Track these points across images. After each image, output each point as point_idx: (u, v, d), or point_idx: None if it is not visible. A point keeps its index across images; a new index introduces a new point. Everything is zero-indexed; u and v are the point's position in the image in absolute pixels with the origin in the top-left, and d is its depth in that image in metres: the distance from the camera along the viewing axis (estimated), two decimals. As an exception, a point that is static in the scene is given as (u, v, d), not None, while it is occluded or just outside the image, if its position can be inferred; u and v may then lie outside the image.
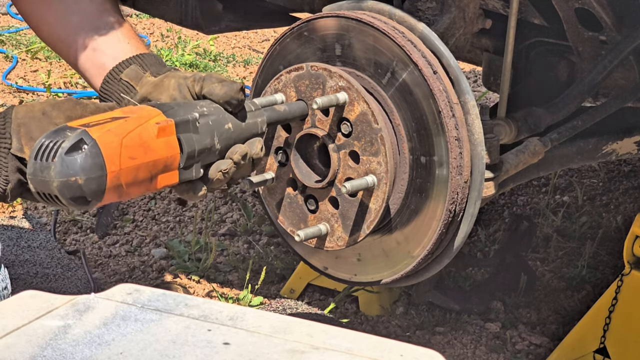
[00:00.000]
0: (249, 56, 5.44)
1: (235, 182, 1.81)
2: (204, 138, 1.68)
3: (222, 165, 1.73)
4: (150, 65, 1.91)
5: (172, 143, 1.64)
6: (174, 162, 1.65)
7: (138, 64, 1.91)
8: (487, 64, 2.35)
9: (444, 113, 1.77)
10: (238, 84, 1.75)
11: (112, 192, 1.57)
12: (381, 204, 1.79)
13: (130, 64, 1.91)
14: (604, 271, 3.00)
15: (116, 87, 1.91)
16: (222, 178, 1.73)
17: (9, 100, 4.51)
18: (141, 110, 1.66)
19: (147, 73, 1.89)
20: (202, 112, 1.70)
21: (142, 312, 1.37)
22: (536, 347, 2.66)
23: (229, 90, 1.74)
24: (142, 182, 1.61)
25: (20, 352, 1.26)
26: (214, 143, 1.70)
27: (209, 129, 1.70)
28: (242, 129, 1.75)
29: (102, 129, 1.56)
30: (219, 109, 1.73)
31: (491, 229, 3.24)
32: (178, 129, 1.65)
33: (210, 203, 3.45)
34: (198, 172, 1.70)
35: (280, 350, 1.28)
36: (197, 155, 1.68)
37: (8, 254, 3.00)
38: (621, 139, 2.25)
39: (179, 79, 1.82)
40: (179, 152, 1.65)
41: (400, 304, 2.82)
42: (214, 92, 1.75)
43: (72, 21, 2.00)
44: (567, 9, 2.03)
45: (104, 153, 1.53)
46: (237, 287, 2.93)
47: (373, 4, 1.89)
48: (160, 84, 1.84)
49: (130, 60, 1.92)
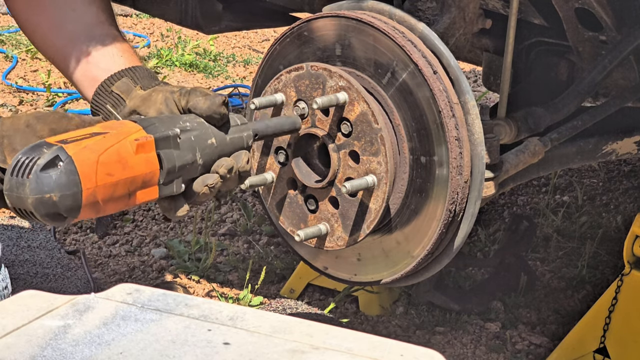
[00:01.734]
0: (249, 56, 5.44)
1: (222, 195, 1.81)
2: (185, 154, 1.68)
3: (208, 180, 1.73)
4: (142, 79, 1.91)
5: (151, 159, 1.64)
6: (154, 178, 1.65)
7: (129, 77, 1.91)
8: (487, 64, 2.35)
9: (444, 113, 1.77)
10: (221, 97, 1.75)
11: (89, 208, 1.57)
12: (381, 203, 1.79)
13: (121, 77, 1.91)
14: (604, 271, 3.00)
15: (107, 100, 1.91)
16: (208, 192, 1.73)
17: (9, 100, 4.51)
18: (122, 126, 1.66)
19: (137, 86, 1.89)
20: (185, 127, 1.71)
21: (142, 312, 1.37)
22: (536, 347, 2.66)
23: (212, 104, 1.74)
24: (120, 198, 1.62)
25: (20, 352, 1.26)
26: (196, 158, 1.70)
27: (190, 144, 1.70)
28: (226, 143, 1.75)
29: (79, 145, 1.56)
30: (203, 123, 1.73)
31: (491, 229, 3.24)
32: (158, 145, 1.65)
33: (210, 203, 3.45)
34: (179, 188, 1.70)
35: (280, 350, 1.28)
36: (178, 171, 1.68)
37: (8, 254, 3.00)
38: (621, 139, 2.25)
39: (166, 93, 1.83)
40: (159, 168, 1.65)
41: (400, 304, 2.82)
42: (198, 106, 1.75)
43: (66, 31, 2.00)
44: (567, 9, 2.03)
45: (80, 170, 1.53)
46: (237, 287, 2.93)
47: (373, 4, 1.89)
48: (149, 98, 1.85)
49: (121, 73, 1.92)
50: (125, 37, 2.04)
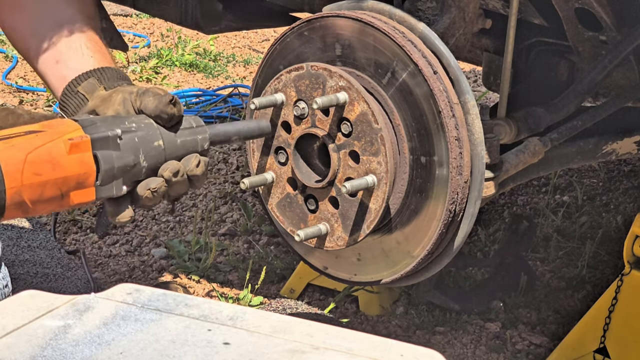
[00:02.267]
0: (249, 56, 5.44)
1: (173, 199, 1.79)
2: (126, 155, 1.65)
3: (151, 183, 1.70)
4: (108, 80, 1.89)
5: (86, 160, 1.61)
6: (89, 179, 1.62)
7: (96, 77, 1.90)
8: (487, 63, 2.35)
9: (444, 113, 1.77)
10: (168, 96, 1.72)
11: (15, 208, 1.55)
12: (381, 203, 1.79)
13: (89, 77, 1.90)
14: (604, 271, 3.00)
15: (73, 100, 1.90)
16: (151, 196, 1.70)
17: (9, 100, 4.51)
18: (60, 124, 1.63)
19: (101, 87, 1.88)
20: (129, 128, 1.67)
21: (142, 312, 1.37)
22: (536, 347, 2.66)
23: (159, 103, 1.71)
24: (51, 199, 1.59)
25: (20, 352, 1.26)
26: (139, 160, 1.67)
27: (133, 145, 1.67)
28: (176, 146, 1.71)
29: (7, 143, 1.55)
30: (151, 124, 1.70)
31: (491, 229, 3.24)
32: (95, 146, 1.62)
33: (210, 203, 3.46)
34: (120, 190, 1.67)
35: (280, 350, 1.28)
36: (117, 173, 1.65)
37: (8, 254, 3.00)
38: (621, 139, 2.25)
39: (125, 93, 1.81)
40: (94, 169, 1.63)
41: (400, 303, 2.82)
42: (147, 106, 1.73)
43: (40, 32, 2.00)
44: (567, 8, 2.03)
45: (4, 169, 1.52)
46: (237, 287, 2.93)
47: (373, 4, 1.89)
48: (109, 99, 1.83)
49: (89, 73, 1.91)
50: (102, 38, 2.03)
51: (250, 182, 1.88)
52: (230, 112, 4.41)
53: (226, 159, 3.90)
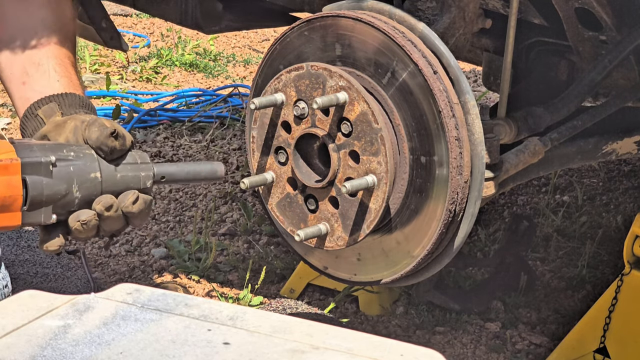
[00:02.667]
0: (249, 56, 5.44)
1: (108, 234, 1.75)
2: (57, 183, 1.64)
3: (82, 215, 1.68)
4: (68, 106, 1.87)
5: (13, 183, 1.60)
6: (15, 203, 1.61)
7: (57, 102, 1.88)
8: (487, 63, 2.35)
9: (444, 113, 1.77)
10: (110, 129, 1.71)
11: None
12: (381, 203, 1.79)
13: (50, 102, 1.88)
14: (604, 271, 3.00)
15: (32, 123, 1.89)
16: (81, 229, 1.68)
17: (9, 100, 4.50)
18: None
19: (58, 112, 1.87)
20: (67, 156, 1.66)
21: (142, 311, 1.37)
22: (536, 346, 2.66)
23: (100, 135, 1.70)
24: None
25: (20, 351, 1.26)
26: (72, 190, 1.65)
27: (66, 174, 1.65)
28: (115, 181, 1.69)
29: None
30: (91, 156, 1.69)
31: (491, 229, 3.24)
32: (25, 170, 1.61)
33: (210, 203, 3.46)
34: (48, 218, 1.65)
35: (280, 350, 1.28)
36: (46, 200, 1.63)
37: (8, 254, 3.00)
38: (621, 139, 2.25)
39: (77, 122, 1.79)
40: (22, 193, 1.61)
41: (400, 303, 2.82)
42: (90, 137, 1.72)
43: (13, 49, 1.98)
44: (567, 8, 2.03)
45: None
46: (237, 287, 2.93)
47: (373, 4, 1.89)
48: (62, 125, 1.82)
49: (50, 97, 1.89)
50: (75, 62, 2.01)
51: (250, 182, 1.88)
52: (230, 112, 4.41)
53: (226, 159, 3.90)
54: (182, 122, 4.32)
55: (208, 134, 4.14)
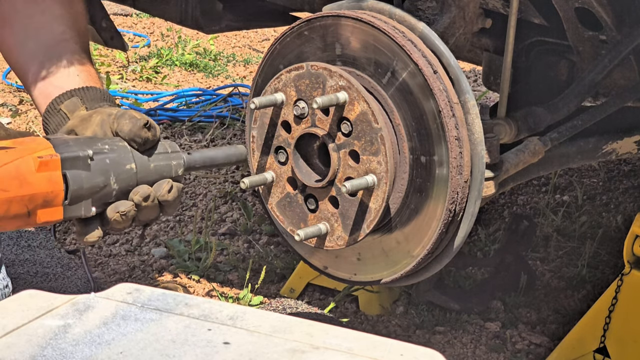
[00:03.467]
0: (249, 55, 5.44)
1: (143, 224, 1.78)
2: (95, 176, 1.65)
3: (120, 207, 1.70)
4: (90, 100, 1.89)
5: (54, 178, 1.61)
6: (57, 198, 1.62)
7: (79, 96, 1.89)
8: (487, 63, 2.35)
9: (444, 112, 1.77)
10: (142, 120, 1.72)
11: None
12: (381, 203, 1.79)
13: (72, 96, 1.89)
14: (604, 271, 3.00)
15: (55, 118, 1.90)
16: (121, 220, 1.70)
17: (9, 100, 4.51)
18: (31, 142, 1.63)
19: (82, 107, 1.87)
20: (102, 149, 1.67)
21: (142, 311, 1.37)
22: (536, 346, 2.66)
23: (133, 126, 1.71)
24: (17, 215, 1.59)
25: (20, 351, 1.26)
26: (110, 182, 1.67)
27: (103, 167, 1.67)
28: (148, 171, 1.71)
29: None
30: (125, 148, 1.70)
31: (491, 229, 3.24)
32: (65, 165, 1.62)
33: (210, 202, 3.46)
34: (88, 211, 1.67)
35: (280, 350, 1.28)
36: (86, 193, 1.64)
37: (8, 254, 3.00)
38: (621, 139, 2.25)
39: (104, 115, 1.81)
40: (63, 188, 1.62)
41: (400, 303, 2.82)
42: (122, 129, 1.73)
43: (28, 47, 1.99)
44: (567, 8, 2.03)
45: None
46: (237, 287, 2.93)
47: (373, 4, 1.89)
48: (88, 119, 1.83)
49: (72, 92, 1.90)
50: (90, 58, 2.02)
51: (250, 181, 1.88)
52: (230, 112, 4.41)
53: (226, 159, 3.90)
54: (182, 121, 4.33)
55: (208, 134, 4.15)
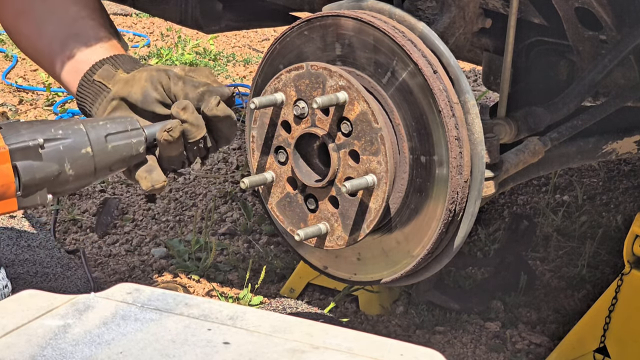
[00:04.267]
0: (249, 55, 5.44)
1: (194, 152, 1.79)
2: (48, 165, 1.64)
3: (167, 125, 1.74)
4: (123, 64, 1.89)
5: (4, 171, 1.61)
6: (9, 190, 1.62)
7: (110, 63, 1.90)
8: (487, 63, 2.35)
9: (444, 112, 1.77)
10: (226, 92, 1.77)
11: None
12: (381, 203, 1.79)
13: (102, 65, 1.90)
14: (604, 271, 3.00)
15: (90, 90, 1.90)
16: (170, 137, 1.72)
17: (9, 100, 4.51)
18: None
19: (119, 70, 1.88)
20: (55, 136, 1.65)
21: (142, 311, 1.37)
22: (536, 346, 2.66)
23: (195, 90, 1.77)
24: None
25: (20, 351, 1.26)
26: (65, 169, 1.65)
27: (57, 154, 1.65)
28: (107, 152, 1.69)
29: None
30: (80, 131, 1.68)
31: (491, 229, 3.24)
32: (15, 156, 1.61)
33: (210, 202, 3.46)
34: (44, 199, 1.66)
35: (280, 350, 1.28)
36: (40, 183, 1.63)
37: (8, 254, 3.00)
38: (621, 139, 2.25)
39: (151, 71, 1.82)
40: (14, 180, 1.61)
41: (400, 303, 2.82)
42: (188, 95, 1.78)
43: (47, 31, 2.00)
44: (567, 8, 2.03)
45: None
46: (237, 287, 2.93)
47: (373, 3, 1.89)
48: (132, 78, 1.83)
49: (102, 61, 1.91)
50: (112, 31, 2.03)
51: (250, 181, 1.88)
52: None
53: (226, 159, 3.90)
54: (182, 121, 4.32)
55: (208, 134, 4.14)
